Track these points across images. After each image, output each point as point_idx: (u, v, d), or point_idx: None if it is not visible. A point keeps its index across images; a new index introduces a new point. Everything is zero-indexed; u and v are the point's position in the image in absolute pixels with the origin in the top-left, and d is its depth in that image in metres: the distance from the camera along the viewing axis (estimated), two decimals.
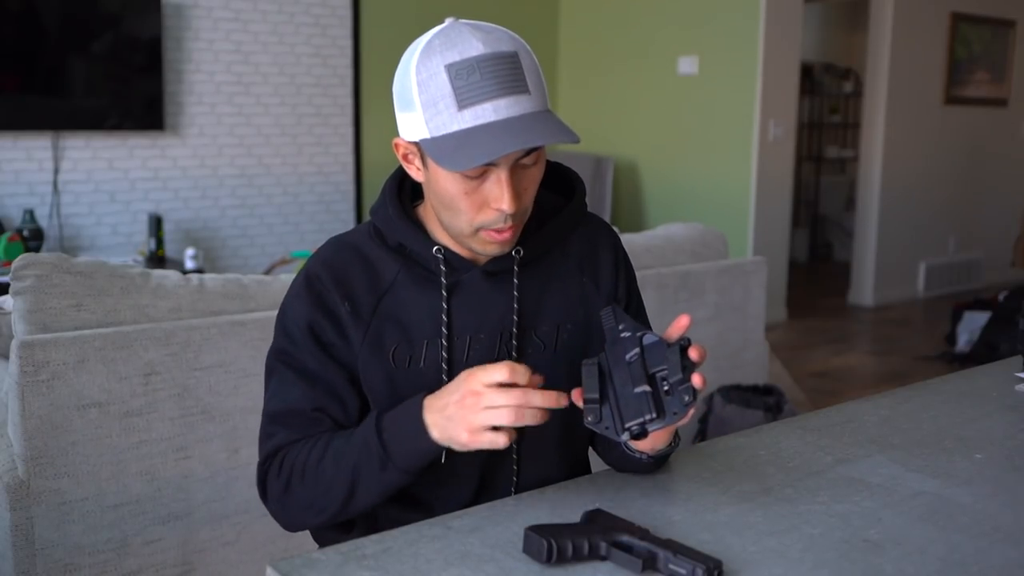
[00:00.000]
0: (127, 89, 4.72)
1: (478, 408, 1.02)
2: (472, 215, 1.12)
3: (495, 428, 1.03)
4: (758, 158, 5.34)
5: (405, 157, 1.17)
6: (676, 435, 1.20)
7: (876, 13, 6.14)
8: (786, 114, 5.44)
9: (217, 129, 5.08)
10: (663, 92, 5.77)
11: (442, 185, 1.12)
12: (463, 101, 1.05)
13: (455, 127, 1.06)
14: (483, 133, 1.05)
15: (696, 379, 1.03)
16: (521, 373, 1.02)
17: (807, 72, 7.94)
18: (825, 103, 8.44)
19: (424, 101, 1.07)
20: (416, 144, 1.13)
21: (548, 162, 1.29)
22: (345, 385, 1.18)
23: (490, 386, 1.02)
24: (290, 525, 1.21)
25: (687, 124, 5.67)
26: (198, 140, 5.02)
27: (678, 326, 1.07)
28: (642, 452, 1.16)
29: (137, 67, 4.71)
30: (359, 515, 1.20)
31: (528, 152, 1.11)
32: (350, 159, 5.55)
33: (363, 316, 1.18)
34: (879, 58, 6.16)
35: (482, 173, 1.10)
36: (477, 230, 1.13)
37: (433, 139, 1.08)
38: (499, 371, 1.02)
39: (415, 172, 1.18)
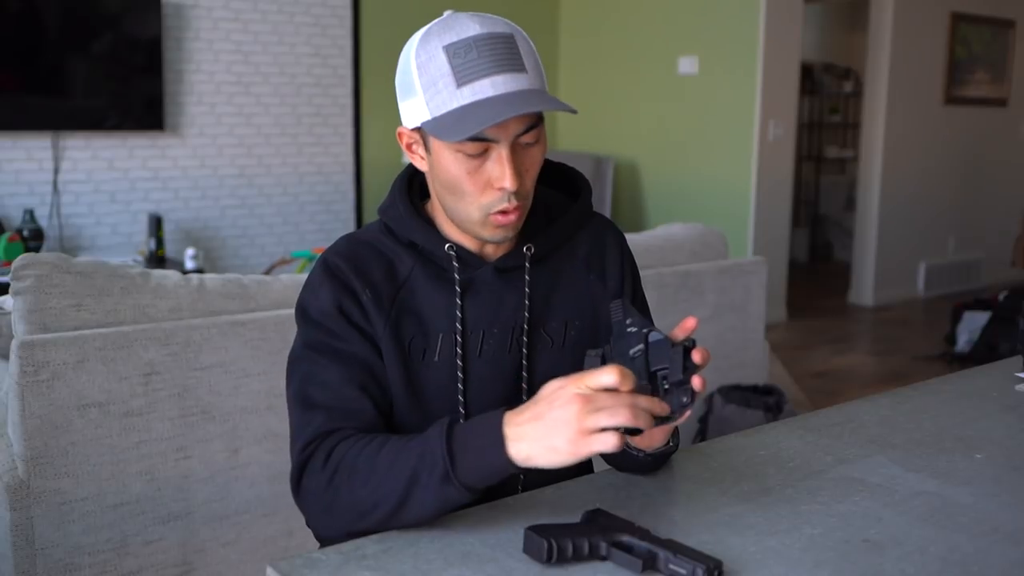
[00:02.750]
0: (127, 89, 4.72)
1: (587, 411, 0.95)
2: (476, 197, 1.12)
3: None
4: (758, 158, 5.34)
5: (409, 147, 1.19)
6: (676, 436, 1.20)
7: (876, 13, 6.14)
8: (786, 114, 5.44)
9: (217, 129, 5.08)
10: (663, 92, 5.77)
11: (445, 167, 1.13)
12: (461, 79, 1.07)
13: (455, 104, 1.08)
14: (482, 106, 1.06)
15: (696, 382, 1.02)
16: (630, 379, 0.97)
17: (807, 72, 7.94)
18: (825, 103, 8.44)
19: (424, 83, 1.09)
20: (419, 130, 1.14)
21: (554, 163, 1.32)
22: (379, 363, 1.16)
23: (598, 390, 0.97)
24: (327, 526, 1.11)
25: (687, 124, 5.67)
26: (198, 140, 5.02)
27: (684, 327, 1.06)
28: (639, 449, 1.16)
29: (137, 67, 4.71)
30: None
31: (528, 130, 1.11)
32: (350, 159, 5.55)
33: (384, 305, 1.18)
34: (879, 58, 6.16)
35: (483, 151, 1.10)
36: (486, 216, 1.13)
37: (434, 119, 1.09)
38: (608, 374, 0.96)
39: (419, 161, 1.19)
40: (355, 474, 1.06)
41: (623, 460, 1.20)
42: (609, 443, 0.94)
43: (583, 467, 1.34)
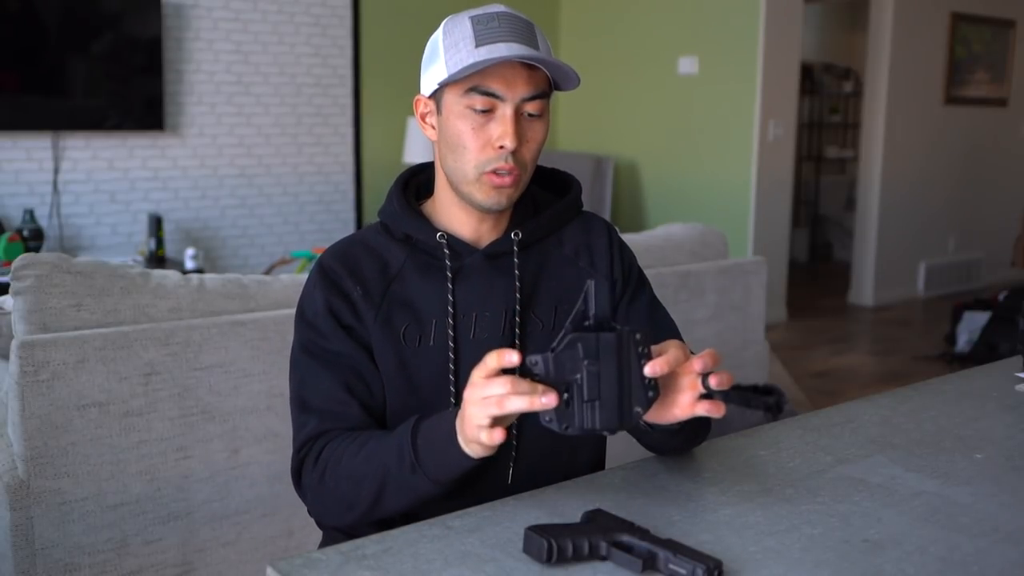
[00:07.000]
0: (127, 89, 4.72)
1: (482, 404, 0.98)
2: (477, 153, 1.19)
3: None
4: (758, 158, 5.34)
5: (423, 117, 1.27)
6: (699, 420, 1.16)
7: (876, 13, 6.14)
8: (786, 114, 5.44)
9: (217, 129, 5.08)
10: (663, 92, 5.77)
11: (452, 124, 1.20)
12: (480, 40, 1.16)
13: (470, 60, 1.16)
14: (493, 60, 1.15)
15: (649, 369, 1.01)
16: (503, 357, 0.98)
17: (807, 72, 7.94)
18: (825, 103, 8.44)
19: (447, 45, 1.19)
20: (434, 97, 1.22)
21: (547, 168, 1.39)
22: (368, 365, 1.22)
23: (486, 377, 0.99)
24: (324, 516, 1.23)
25: (687, 124, 5.67)
26: (198, 140, 5.02)
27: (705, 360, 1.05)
28: (648, 424, 1.12)
29: (137, 67, 4.71)
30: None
31: (534, 97, 1.18)
32: (350, 159, 5.54)
33: (374, 299, 1.24)
34: (879, 58, 6.16)
35: (490, 109, 1.17)
36: (481, 174, 1.19)
37: (450, 76, 1.17)
38: (487, 358, 0.99)
39: (430, 132, 1.26)
40: (340, 471, 1.15)
41: (641, 435, 1.19)
42: (494, 437, 0.98)
43: (594, 464, 1.34)
